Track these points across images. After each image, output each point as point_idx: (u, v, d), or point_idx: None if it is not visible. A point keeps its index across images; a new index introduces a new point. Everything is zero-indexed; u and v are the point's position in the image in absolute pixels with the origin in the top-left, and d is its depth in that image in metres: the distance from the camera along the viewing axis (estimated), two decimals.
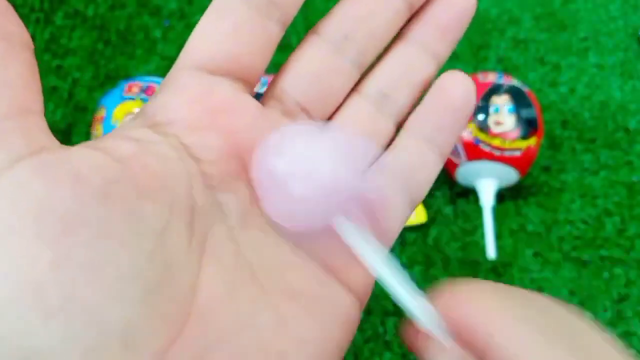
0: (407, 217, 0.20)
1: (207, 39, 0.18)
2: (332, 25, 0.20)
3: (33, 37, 0.51)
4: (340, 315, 0.17)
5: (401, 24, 0.20)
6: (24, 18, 0.52)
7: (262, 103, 0.19)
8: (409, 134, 0.20)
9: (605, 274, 0.44)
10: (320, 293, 0.17)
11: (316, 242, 0.18)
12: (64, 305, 0.13)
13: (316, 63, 0.19)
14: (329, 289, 0.18)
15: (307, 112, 0.19)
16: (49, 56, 0.51)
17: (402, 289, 0.16)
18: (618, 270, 0.44)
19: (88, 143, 0.16)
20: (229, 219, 0.17)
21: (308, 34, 0.20)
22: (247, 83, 0.18)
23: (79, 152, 0.15)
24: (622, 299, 0.43)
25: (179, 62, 0.18)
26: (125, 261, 0.14)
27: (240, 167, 0.18)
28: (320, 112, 0.20)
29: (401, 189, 0.20)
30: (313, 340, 0.16)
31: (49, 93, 0.49)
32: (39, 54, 0.51)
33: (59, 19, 0.53)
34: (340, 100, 0.20)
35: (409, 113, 0.21)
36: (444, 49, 0.20)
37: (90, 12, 0.53)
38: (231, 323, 0.15)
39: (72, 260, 0.13)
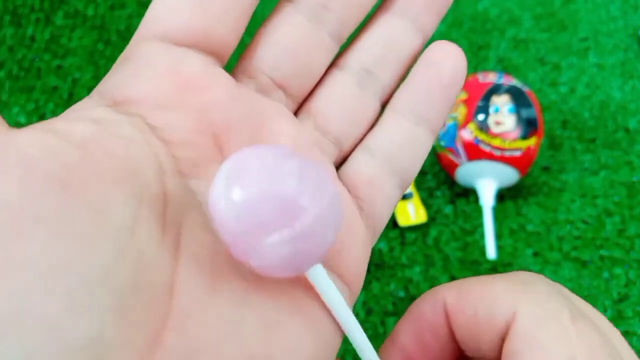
0: (398, 200, 0.19)
1: (172, 5, 0.16)
2: None
3: (33, 37, 0.51)
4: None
5: None
6: (24, 18, 0.52)
7: (234, 78, 0.17)
8: (396, 112, 0.19)
9: (605, 274, 0.44)
10: (310, 288, 0.16)
11: None
12: (16, 318, 0.11)
13: (292, 35, 0.18)
14: None
15: (283, 89, 0.18)
16: (49, 56, 0.51)
17: (364, 343, 0.16)
18: (618, 270, 0.44)
19: (37, 125, 0.13)
20: (203, 207, 0.15)
21: (281, 1, 0.18)
22: (218, 56, 0.16)
23: (28, 135, 0.13)
24: (622, 299, 0.43)
25: (139, 31, 0.16)
26: (89, 263, 0.12)
27: (215, 148, 0.16)
28: (297, 89, 0.18)
29: (390, 171, 0.18)
30: (304, 344, 0.15)
31: (49, 93, 0.49)
32: (39, 54, 0.51)
33: (59, 19, 0.53)
34: (320, 76, 0.18)
35: (394, 89, 0.19)
36: (431, 22, 0.19)
37: (90, 12, 0.53)
38: (214, 329, 0.14)
39: (24, 264, 0.11)
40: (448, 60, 0.18)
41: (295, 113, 0.18)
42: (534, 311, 0.15)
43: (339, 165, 0.19)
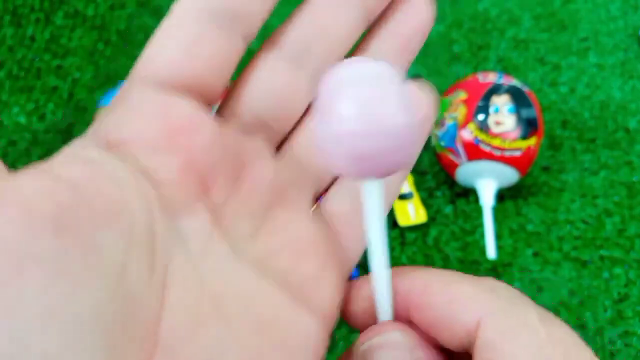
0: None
1: (164, 52, 0.17)
2: (290, 36, 0.19)
3: (33, 37, 0.51)
4: (310, 344, 0.17)
5: (358, 36, 0.20)
6: (24, 18, 0.52)
7: (220, 117, 0.18)
8: None
9: (605, 274, 0.44)
10: (289, 322, 0.17)
11: (280, 261, 0.17)
12: (15, 356, 0.11)
13: (275, 78, 0.19)
14: (298, 317, 0.17)
15: (266, 127, 0.19)
16: (49, 56, 0.51)
17: (382, 258, 0.17)
18: (618, 270, 0.44)
19: (35, 167, 0.14)
20: (190, 246, 0.16)
21: (264, 44, 0.19)
22: (206, 100, 0.18)
23: (27, 177, 0.13)
24: (622, 299, 0.43)
25: (133, 75, 0.17)
26: (83, 302, 0.12)
27: (200, 188, 0.17)
28: (280, 127, 0.19)
29: None
30: None
31: (49, 93, 0.49)
32: (39, 54, 0.51)
33: (59, 19, 0.53)
34: (300, 116, 0.20)
35: None
36: (404, 63, 0.20)
37: (90, 12, 0.53)
38: None
39: (24, 304, 0.12)
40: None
41: (279, 147, 0.19)
42: (500, 320, 0.15)
43: (319, 197, 0.20)
